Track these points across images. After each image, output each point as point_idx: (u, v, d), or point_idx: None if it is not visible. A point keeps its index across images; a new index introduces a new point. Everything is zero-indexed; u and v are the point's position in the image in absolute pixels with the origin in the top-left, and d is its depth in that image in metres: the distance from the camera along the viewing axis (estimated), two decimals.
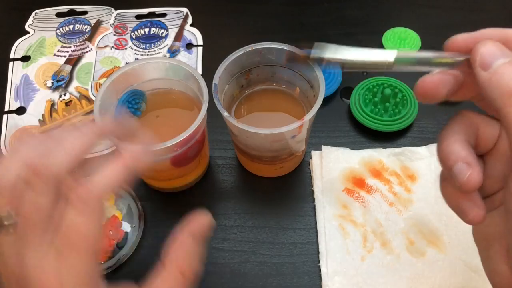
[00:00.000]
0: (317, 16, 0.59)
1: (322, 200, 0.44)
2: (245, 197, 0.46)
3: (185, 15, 0.60)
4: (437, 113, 0.51)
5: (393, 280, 0.40)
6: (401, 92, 0.50)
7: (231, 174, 0.47)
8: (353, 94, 0.51)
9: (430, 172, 0.45)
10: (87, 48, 0.57)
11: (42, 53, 0.57)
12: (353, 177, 0.45)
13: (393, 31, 0.57)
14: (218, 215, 0.45)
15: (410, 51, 0.27)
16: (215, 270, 0.42)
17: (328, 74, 0.52)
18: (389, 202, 0.43)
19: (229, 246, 0.43)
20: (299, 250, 0.43)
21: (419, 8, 0.60)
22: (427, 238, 0.42)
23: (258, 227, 0.44)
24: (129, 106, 0.42)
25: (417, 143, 0.48)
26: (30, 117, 0.51)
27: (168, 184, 0.45)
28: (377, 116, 0.48)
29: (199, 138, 0.41)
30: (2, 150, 0.49)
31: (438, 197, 0.43)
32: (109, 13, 0.60)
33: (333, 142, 0.49)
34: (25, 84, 0.54)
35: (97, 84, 0.54)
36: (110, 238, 0.43)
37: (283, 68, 0.43)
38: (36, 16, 0.60)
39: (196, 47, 0.57)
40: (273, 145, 0.40)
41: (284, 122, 0.38)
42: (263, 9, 0.60)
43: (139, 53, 0.57)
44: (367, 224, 0.42)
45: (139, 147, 0.30)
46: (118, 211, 0.44)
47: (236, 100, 0.45)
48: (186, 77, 0.42)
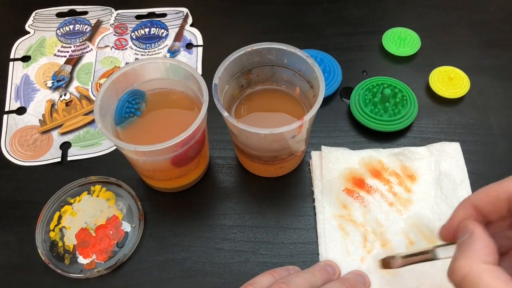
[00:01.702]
0: (317, 16, 0.59)
1: (322, 200, 0.44)
2: (245, 197, 0.46)
3: (185, 15, 0.60)
4: (437, 113, 0.51)
5: (393, 280, 0.40)
6: (401, 92, 0.50)
7: (231, 174, 0.47)
8: (353, 94, 0.51)
9: (430, 172, 0.45)
10: (87, 48, 0.57)
11: (43, 53, 0.57)
12: (353, 177, 0.45)
13: (393, 31, 0.57)
14: (218, 215, 0.45)
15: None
16: (215, 270, 0.42)
17: (328, 74, 0.52)
18: (389, 202, 0.43)
19: (229, 246, 0.43)
20: (299, 250, 0.43)
21: (419, 8, 0.60)
22: (427, 238, 0.42)
23: (258, 227, 0.44)
24: (129, 106, 0.42)
25: (417, 143, 0.48)
26: (30, 117, 0.52)
27: (168, 184, 0.45)
28: (377, 116, 0.48)
29: (199, 138, 0.41)
30: (2, 150, 0.49)
31: (438, 197, 0.44)
32: (109, 13, 0.60)
33: (333, 142, 0.49)
34: (26, 84, 0.54)
35: (97, 84, 0.54)
36: (110, 238, 0.43)
37: (283, 68, 0.43)
38: (36, 16, 0.60)
39: (196, 47, 0.57)
40: (273, 145, 0.40)
41: (284, 122, 0.38)
42: (263, 9, 0.60)
43: (139, 53, 0.57)
44: (367, 224, 0.42)
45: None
46: (118, 211, 0.44)
47: (236, 100, 0.45)
48: (186, 77, 0.42)
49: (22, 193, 0.47)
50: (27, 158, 0.49)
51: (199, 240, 0.43)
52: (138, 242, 0.43)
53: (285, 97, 0.45)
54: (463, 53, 0.55)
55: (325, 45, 0.56)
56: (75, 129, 0.51)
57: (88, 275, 0.41)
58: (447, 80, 0.52)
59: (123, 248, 0.43)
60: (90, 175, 0.47)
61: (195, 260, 0.42)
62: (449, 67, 0.53)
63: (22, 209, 0.46)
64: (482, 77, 0.53)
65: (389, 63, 0.55)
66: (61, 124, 0.51)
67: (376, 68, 0.54)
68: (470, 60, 0.55)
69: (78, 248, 0.43)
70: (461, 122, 0.50)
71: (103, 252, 0.42)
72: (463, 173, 0.45)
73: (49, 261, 0.42)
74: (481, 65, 0.54)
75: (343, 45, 0.56)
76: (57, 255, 0.42)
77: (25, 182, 0.47)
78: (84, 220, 0.44)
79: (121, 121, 0.42)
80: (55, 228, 0.44)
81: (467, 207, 0.31)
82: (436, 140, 0.48)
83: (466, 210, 0.31)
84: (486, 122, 0.50)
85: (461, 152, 0.46)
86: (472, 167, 0.46)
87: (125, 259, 0.42)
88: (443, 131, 0.49)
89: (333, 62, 0.53)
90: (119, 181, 0.46)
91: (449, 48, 0.56)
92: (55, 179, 0.47)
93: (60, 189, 0.45)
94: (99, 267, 0.42)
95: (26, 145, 0.50)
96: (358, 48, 0.56)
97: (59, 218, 0.44)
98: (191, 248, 0.43)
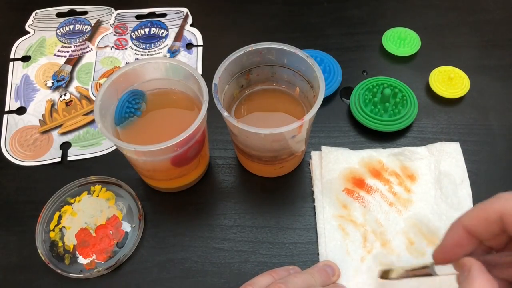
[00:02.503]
0: (317, 16, 0.59)
1: (322, 200, 0.44)
2: (245, 197, 0.46)
3: (185, 15, 0.60)
4: (437, 113, 0.51)
5: (393, 280, 0.40)
6: (401, 92, 0.50)
7: (231, 174, 0.47)
8: (353, 94, 0.51)
9: (430, 172, 0.45)
10: (87, 48, 0.57)
11: (43, 53, 0.57)
12: (353, 177, 0.45)
13: (393, 31, 0.57)
14: (218, 215, 0.45)
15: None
16: (215, 270, 0.42)
17: (328, 74, 0.52)
18: (389, 202, 0.43)
19: (229, 246, 0.43)
20: (299, 250, 0.43)
21: (419, 8, 0.60)
22: (427, 238, 0.42)
23: (258, 227, 0.44)
24: (129, 106, 0.42)
25: (416, 143, 0.48)
26: (30, 117, 0.52)
27: (168, 184, 0.45)
28: (377, 116, 0.48)
29: (199, 138, 0.41)
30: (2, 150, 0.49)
31: (438, 197, 0.44)
32: (109, 13, 0.60)
33: (333, 142, 0.49)
34: (26, 84, 0.54)
35: (97, 84, 0.54)
36: (110, 238, 0.43)
37: (283, 68, 0.43)
38: (36, 16, 0.60)
39: (196, 47, 0.57)
40: (273, 145, 0.40)
41: (284, 122, 0.38)
42: (263, 9, 0.60)
43: (139, 53, 0.57)
44: (367, 224, 0.42)
45: None
46: (118, 211, 0.44)
47: (236, 100, 0.45)
48: (186, 77, 0.42)
49: (22, 193, 0.47)
50: (27, 158, 0.49)
51: (199, 240, 0.43)
52: (138, 242, 0.43)
53: (285, 97, 0.45)
54: (463, 53, 0.55)
55: (325, 45, 0.56)
56: (75, 129, 0.51)
57: (88, 275, 0.41)
58: (447, 80, 0.52)
59: (123, 248, 0.43)
60: (90, 175, 0.47)
61: (195, 260, 0.42)
62: (449, 67, 0.53)
63: (22, 209, 0.46)
64: (482, 77, 0.53)
65: (389, 63, 0.55)
66: (61, 124, 0.51)
67: (376, 68, 0.54)
68: (470, 60, 0.55)
69: (78, 248, 0.43)
70: (461, 122, 0.50)
71: (103, 252, 0.42)
72: (463, 173, 0.45)
73: (49, 261, 0.42)
74: (481, 65, 0.54)
75: (343, 45, 0.56)
76: (57, 255, 0.42)
77: (25, 182, 0.47)
78: (84, 220, 0.44)
79: (121, 121, 0.42)
80: (55, 228, 0.44)
81: (458, 230, 0.31)
82: (436, 140, 0.48)
83: (457, 233, 0.31)
84: (486, 122, 0.50)
85: (461, 152, 0.46)
86: (472, 167, 0.46)
87: (125, 259, 0.42)
88: (443, 131, 0.49)
89: (333, 62, 0.53)
90: (119, 181, 0.46)
91: (449, 48, 0.56)
92: (55, 179, 0.47)
93: (60, 189, 0.45)
94: (99, 267, 0.42)
95: (26, 145, 0.50)
96: (358, 48, 0.56)
97: (59, 218, 0.44)
98: (191, 248, 0.43)
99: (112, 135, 0.38)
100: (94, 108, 0.38)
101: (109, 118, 0.41)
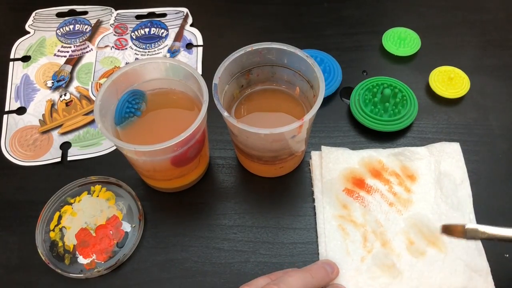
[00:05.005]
0: (317, 16, 0.59)
1: (322, 201, 0.44)
2: (245, 197, 0.46)
3: (185, 15, 0.60)
4: (437, 113, 0.51)
5: (393, 280, 0.40)
6: (401, 92, 0.50)
7: (231, 174, 0.47)
8: (353, 94, 0.51)
9: (430, 172, 0.45)
10: (87, 48, 0.57)
11: (43, 53, 0.57)
12: (353, 177, 0.45)
13: (393, 31, 0.57)
14: (218, 215, 0.45)
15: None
16: (215, 270, 0.42)
17: (328, 74, 0.52)
18: (389, 202, 0.43)
19: (229, 246, 0.43)
20: (299, 250, 0.43)
21: (419, 8, 0.60)
22: (427, 238, 0.42)
23: (258, 227, 0.44)
24: (129, 106, 0.42)
25: (416, 143, 0.48)
26: (30, 117, 0.52)
27: (168, 184, 0.45)
28: (377, 116, 0.48)
29: (199, 138, 0.41)
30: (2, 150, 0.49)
31: (438, 197, 0.44)
32: (109, 13, 0.60)
33: (333, 142, 0.49)
34: (26, 84, 0.54)
35: (97, 84, 0.54)
36: (110, 238, 0.43)
37: (283, 68, 0.43)
38: (36, 16, 0.60)
39: (196, 47, 0.57)
40: (273, 145, 0.40)
41: (284, 122, 0.38)
42: (263, 9, 0.60)
43: (139, 53, 0.57)
44: (367, 224, 0.42)
45: None
46: (118, 211, 0.44)
47: (236, 100, 0.45)
48: (186, 77, 0.42)
49: (22, 193, 0.47)
50: (27, 158, 0.49)
51: (199, 240, 0.43)
52: (138, 242, 0.43)
53: (285, 97, 0.45)
54: (463, 53, 0.55)
55: (325, 45, 0.56)
56: (75, 129, 0.51)
57: (88, 275, 0.41)
58: (447, 80, 0.52)
59: (123, 248, 0.43)
60: (90, 175, 0.47)
61: (195, 260, 0.42)
62: (449, 67, 0.53)
63: (22, 209, 0.46)
64: (482, 77, 0.53)
65: (389, 63, 0.55)
66: (61, 124, 0.51)
67: (376, 68, 0.54)
68: (470, 60, 0.55)
69: (78, 248, 0.43)
70: (461, 122, 0.50)
71: (103, 252, 0.42)
72: (463, 173, 0.45)
73: (49, 261, 0.42)
74: (481, 65, 0.54)
75: (343, 45, 0.56)
76: (57, 255, 0.42)
77: (25, 182, 0.47)
78: (84, 220, 0.44)
79: (121, 121, 0.42)
80: (55, 228, 0.44)
81: None
82: (436, 140, 0.48)
83: None
84: (486, 122, 0.50)
85: (461, 152, 0.46)
86: (472, 167, 0.46)
87: (125, 259, 0.42)
88: (443, 131, 0.49)
89: (333, 62, 0.53)
90: (119, 181, 0.46)
91: (449, 48, 0.56)
92: (55, 179, 0.47)
93: (60, 189, 0.45)
94: (99, 267, 0.42)
95: (26, 145, 0.50)
96: (358, 48, 0.56)
97: (59, 218, 0.44)
98: (191, 248, 0.43)
99: (112, 135, 0.38)
100: (94, 108, 0.38)
101: (109, 118, 0.41)
